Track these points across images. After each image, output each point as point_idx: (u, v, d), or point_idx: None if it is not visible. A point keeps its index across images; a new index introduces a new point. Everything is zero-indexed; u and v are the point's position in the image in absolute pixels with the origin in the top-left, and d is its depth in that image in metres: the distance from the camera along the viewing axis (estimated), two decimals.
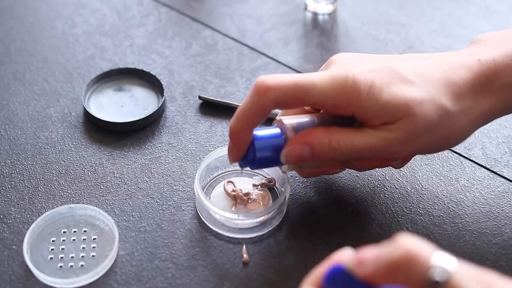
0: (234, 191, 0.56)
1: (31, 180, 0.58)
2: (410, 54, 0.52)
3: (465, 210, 0.56)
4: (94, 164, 0.60)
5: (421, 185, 0.58)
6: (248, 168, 0.59)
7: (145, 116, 0.63)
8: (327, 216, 0.56)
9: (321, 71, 0.51)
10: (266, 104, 0.47)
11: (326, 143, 0.48)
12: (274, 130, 0.50)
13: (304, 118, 0.50)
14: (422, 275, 0.33)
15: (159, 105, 0.64)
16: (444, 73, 0.48)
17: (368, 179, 0.59)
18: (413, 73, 0.48)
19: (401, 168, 0.59)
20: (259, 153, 0.49)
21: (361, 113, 0.47)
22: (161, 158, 0.60)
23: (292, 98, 0.47)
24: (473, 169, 0.60)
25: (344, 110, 0.48)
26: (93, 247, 0.52)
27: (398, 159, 0.52)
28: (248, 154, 0.50)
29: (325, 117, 0.51)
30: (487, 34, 0.53)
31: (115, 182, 0.58)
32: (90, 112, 0.63)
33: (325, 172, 0.54)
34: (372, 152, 0.48)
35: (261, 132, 0.50)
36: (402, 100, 0.46)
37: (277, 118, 0.51)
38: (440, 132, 0.48)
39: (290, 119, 0.50)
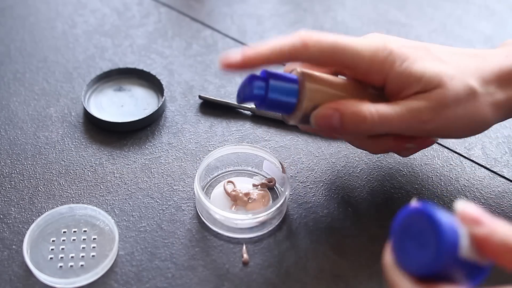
0: (234, 191, 0.56)
1: (31, 180, 0.58)
2: (444, 46, 0.53)
3: None
4: (94, 164, 0.60)
5: (421, 185, 0.58)
6: (250, 168, 0.59)
7: (145, 116, 0.63)
8: (327, 216, 0.56)
9: None
10: (300, 56, 0.48)
11: (357, 110, 0.48)
12: (290, 76, 0.49)
13: (322, 73, 0.50)
14: None
15: (159, 105, 0.64)
16: (474, 61, 0.51)
17: (368, 179, 0.59)
18: (447, 56, 0.50)
19: (401, 168, 0.59)
20: (272, 93, 0.48)
21: (393, 84, 0.49)
22: (161, 158, 0.61)
23: (328, 57, 0.48)
24: (473, 169, 0.60)
25: (376, 77, 0.49)
26: (93, 247, 0.52)
27: (412, 145, 0.53)
28: (250, 89, 0.48)
29: (345, 80, 0.50)
30: None
31: (115, 182, 0.58)
32: (90, 112, 0.63)
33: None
34: (404, 123, 0.49)
35: (278, 73, 0.49)
36: (436, 72, 0.48)
37: (298, 69, 0.50)
38: (467, 109, 0.49)
39: (308, 71, 0.49)
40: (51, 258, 0.52)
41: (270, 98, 0.48)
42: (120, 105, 0.66)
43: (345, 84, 0.50)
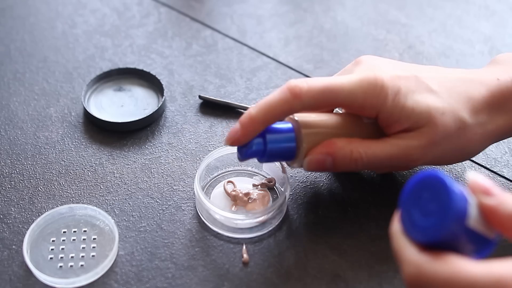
0: (234, 191, 0.56)
1: (31, 180, 0.58)
2: (435, 67, 0.54)
3: None
4: (94, 164, 0.60)
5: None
6: (250, 168, 0.59)
7: (145, 116, 0.63)
8: (327, 216, 0.56)
9: (347, 69, 0.53)
10: (295, 108, 0.49)
11: (348, 153, 0.49)
12: (285, 125, 0.51)
13: (314, 114, 0.51)
14: None
15: (159, 105, 0.64)
16: (465, 88, 0.50)
17: (368, 179, 0.58)
18: (438, 84, 0.50)
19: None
20: (270, 146, 0.50)
21: (386, 117, 0.49)
22: (161, 158, 0.60)
23: (321, 102, 0.49)
24: (473, 169, 0.60)
25: (369, 112, 0.50)
26: (93, 247, 0.52)
27: None
28: (249, 147, 0.50)
29: (337, 115, 0.52)
30: (506, 54, 0.55)
31: (115, 182, 0.58)
32: (90, 112, 0.63)
33: None
34: (393, 161, 0.50)
35: (273, 125, 0.50)
36: (426, 108, 0.49)
37: (291, 116, 0.51)
38: (457, 143, 0.50)
39: (301, 116, 0.51)
40: (51, 258, 0.52)
41: (269, 152, 0.50)
42: (120, 105, 0.66)
43: (340, 119, 0.51)
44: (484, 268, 0.35)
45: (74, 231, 0.54)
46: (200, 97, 0.66)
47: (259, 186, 0.57)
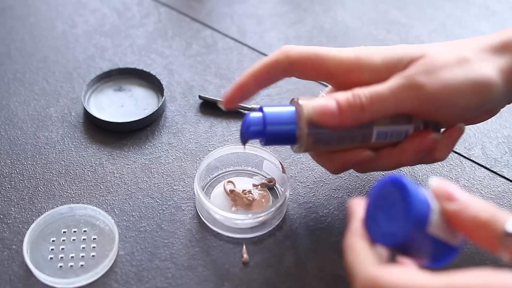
0: (234, 191, 0.56)
1: (31, 180, 0.58)
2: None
3: None
4: (94, 164, 0.60)
5: (421, 185, 0.58)
6: (250, 168, 0.59)
7: (145, 116, 0.63)
8: (327, 216, 0.56)
9: None
10: (281, 62, 0.50)
11: (350, 96, 0.47)
12: (288, 108, 0.49)
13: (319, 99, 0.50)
14: (501, 230, 0.35)
15: (159, 105, 0.64)
16: (462, 41, 0.51)
17: (368, 179, 0.59)
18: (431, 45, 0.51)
19: (400, 168, 0.59)
20: (270, 127, 0.48)
21: (377, 70, 0.48)
22: (161, 158, 0.61)
23: (307, 61, 0.49)
24: (473, 169, 0.60)
25: (357, 75, 0.49)
26: (93, 247, 0.52)
27: (439, 135, 0.49)
28: (247, 126, 0.48)
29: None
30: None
31: (115, 182, 0.58)
32: (90, 112, 0.63)
33: (353, 160, 0.50)
34: (400, 97, 0.46)
35: (274, 108, 0.49)
36: (419, 50, 0.48)
37: (294, 99, 0.50)
38: (463, 72, 0.46)
39: (306, 100, 0.49)
40: (51, 258, 0.52)
41: (270, 132, 0.48)
42: (120, 105, 0.66)
43: None
44: (444, 280, 0.34)
45: (74, 231, 0.54)
46: (200, 97, 0.66)
47: (259, 186, 0.57)
